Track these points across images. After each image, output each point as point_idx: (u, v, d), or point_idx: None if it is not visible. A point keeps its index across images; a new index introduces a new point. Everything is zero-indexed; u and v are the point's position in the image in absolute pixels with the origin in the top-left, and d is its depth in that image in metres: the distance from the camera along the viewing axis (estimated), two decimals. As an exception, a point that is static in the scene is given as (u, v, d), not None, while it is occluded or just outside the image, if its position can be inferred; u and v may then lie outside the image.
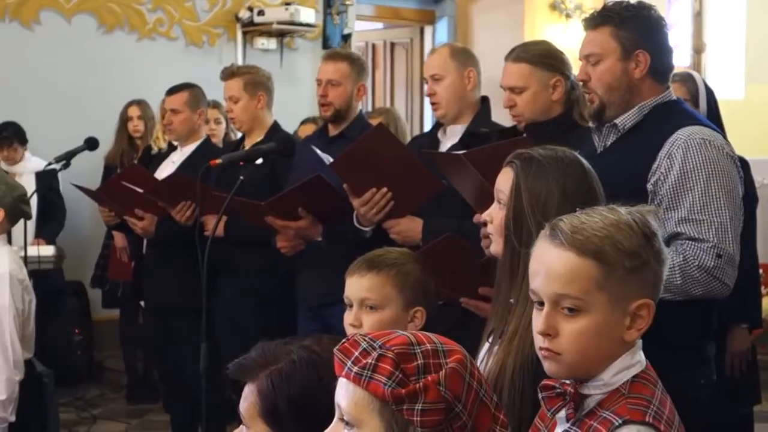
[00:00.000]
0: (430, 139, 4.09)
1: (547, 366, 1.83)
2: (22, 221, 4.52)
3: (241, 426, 2.06)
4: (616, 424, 1.72)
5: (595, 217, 1.81)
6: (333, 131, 4.39)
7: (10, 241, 4.24)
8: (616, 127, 2.99)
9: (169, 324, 5.02)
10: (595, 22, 3.01)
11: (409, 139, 5.82)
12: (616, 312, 1.78)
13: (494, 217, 2.41)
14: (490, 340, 2.38)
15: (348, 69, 4.35)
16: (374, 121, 4.97)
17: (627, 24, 2.95)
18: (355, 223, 3.86)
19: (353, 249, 2.84)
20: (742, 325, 4.13)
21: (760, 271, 4.33)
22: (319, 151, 4.08)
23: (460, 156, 3.24)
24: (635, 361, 1.81)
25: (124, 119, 7.01)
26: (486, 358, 2.35)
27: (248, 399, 2.02)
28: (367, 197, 3.74)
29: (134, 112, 6.99)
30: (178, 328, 4.92)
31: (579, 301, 1.78)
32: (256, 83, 4.84)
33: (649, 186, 2.83)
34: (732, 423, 3.83)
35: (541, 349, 1.83)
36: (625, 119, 2.97)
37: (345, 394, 1.68)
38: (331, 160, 3.90)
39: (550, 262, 1.81)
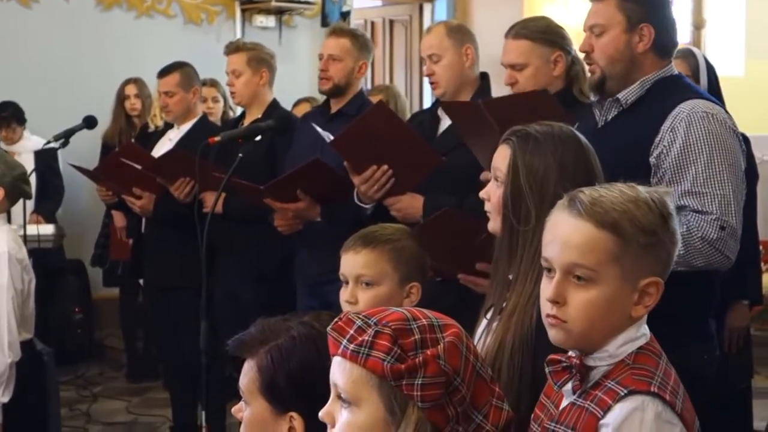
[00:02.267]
0: (431, 116, 4.08)
1: (553, 334, 1.84)
2: (21, 202, 4.51)
3: (240, 402, 2.07)
4: (622, 394, 1.74)
5: (615, 192, 1.82)
6: (333, 108, 4.38)
7: (9, 220, 4.22)
8: (618, 101, 2.98)
9: (169, 302, 5.02)
10: None
11: (409, 115, 5.81)
12: (626, 286, 1.79)
13: (492, 194, 2.41)
14: (488, 316, 2.38)
15: (350, 45, 4.34)
16: (374, 99, 4.95)
17: None
18: (356, 201, 3.86)
19: (353, 227, 2.84)
20: (743, 302, 4.13)
21: (761, 247, 4.33)
22: (319, 129, 4.07)
23: (478, 104, 3.22)
24: (640, 333, 1.83)
25: (121, 97, 6.99)
26: (484, 334, 2.35)
27: (248, 375, 2.02)
28: (367, 174, 3.74)
29: (131, 90, 6.97)
30: (178, 306, 4.92)
31: (592, 272, 1.79)
32: (260, 60, 4.84)
33: (652, 159, 2.83)
34: (729, 398, 3.83)
35: (548, 316, 1.84)
36: (628, 94, 2.96)
37: (341, 372, 1.68)
38: (332, 137, 3.89)
39: (566, 232, 1.82)
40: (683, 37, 8.96)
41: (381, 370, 1.62)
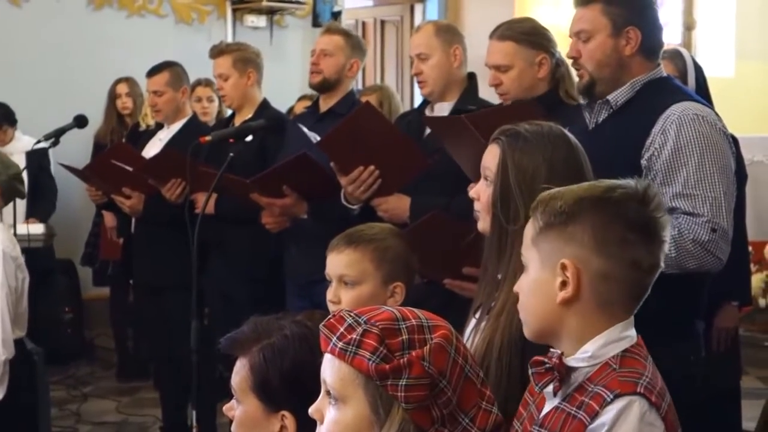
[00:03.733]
0: (418, 116, 4.08)
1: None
2: (11, 202, 4.52)
3: (232, 401, 2.07)
4: (608, 399, 1.73)
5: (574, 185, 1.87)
6: (323, 107, 4.39)
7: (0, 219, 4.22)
8: (608, 103, 2.99)
9: (159, 302, 5.02)
10: None
11: (402, 116, 5.81)
12: (546, 270, 1.81)
13: (481, 194, 2.41)
14: (476, 316, 2.39)
15: (343, 42, 4.35)
16: (367, 99, 4.96)
17: (617, 0, 2.95)
18: (343, 201, 3.86)
19: (342, 227, 2.85)
20: (732, 303, 4.14)
21: (750, 248, 4.34)
22: (306, 130, 4.08)
23: (462, 118, 3.23)
24: (625, 335, 1.81)
25: (113, 97, 6.99)
26: (472, 334, 2.35)
27: (240, 373, 2.03)
28: (354, 175, 3.74)
29: (122, 89, 6.97)
30: (168, 305, 4.92)
31: (523, 257, 1.86)
32: (246, 60, 4.83)
33: (643, 161, 2.84)
34: (718, 398, 3.84)
35: None
36: (618, 95, 2.97)
37: (330, 369, 1.69)
38: (318, 138, 3.89)
39: None
40: (674, 37, 8.98)
41: (366, 369, 1.63)
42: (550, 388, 1.82)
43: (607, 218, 1.78)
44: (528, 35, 3.62)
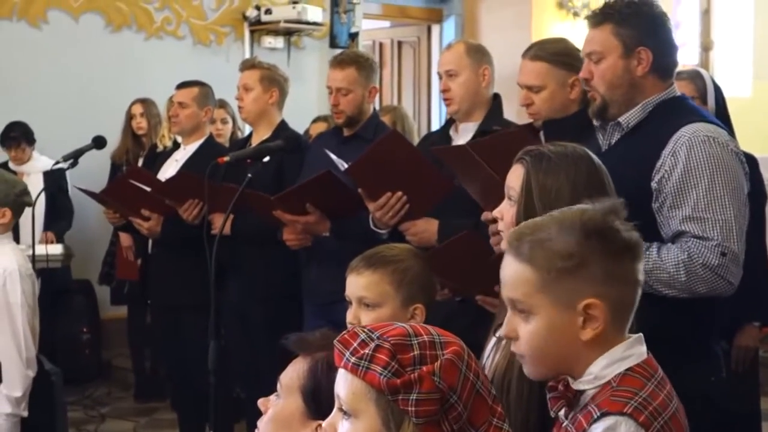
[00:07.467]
0: (442, 137, 4.09)
1: (524, 369, 1.89)
2: (30, 222, 4.55)
3: (274, 394, 2.07)
4: (595, 417, 1.74)
5: (546, 218, 1.86)
6: (347, 131, 4.40)
7: (18, 240, 4.23)
8: (620, 125, 2.96)
9: (177, 322, 5.02)
10: (596, 19, 2.99)
11: (416, 137, 5.82)
12: (564, 312, 1.80)
13: (505, 214, 2.42)
14: (497, 334, 2.38)
15: (356, 74, 4.35)
16: (382, 119, 4.96)
17: (628, 21, 2.92)
18: (371, 227, 3.86)
19: (364, 246, 2.84)
20: (754, 323, 4.12)
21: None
22: (334, 156, 4.07)
23: (465, 147, 3.23)
24: (629, 354, 1.82)
25: (129, 117, 7.02)
26: (493, 351, 2.36)
27: (296, 370, 2.04)
28: (382, 201, 3.75)
29: (137, 109, 6.99)
30: (186, 326, 4.92)
31: (525, 304, 1.82)
32: (273, 79, 4.87)
33: (654, 184, 2.81)
34: (736, 420, 3.81)
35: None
36: (629, 117, 2.94)
37: (343, 384, 1.70)
38: (345, 165, 3.90)
39: (503, 267, 1.88)
40: (691, 58, 8.99)
41: (378, 384, 1.64)
42: (563, 412, 1.85)
43: (615, 250, 1.82)
44: (561, 56, 3.59)
